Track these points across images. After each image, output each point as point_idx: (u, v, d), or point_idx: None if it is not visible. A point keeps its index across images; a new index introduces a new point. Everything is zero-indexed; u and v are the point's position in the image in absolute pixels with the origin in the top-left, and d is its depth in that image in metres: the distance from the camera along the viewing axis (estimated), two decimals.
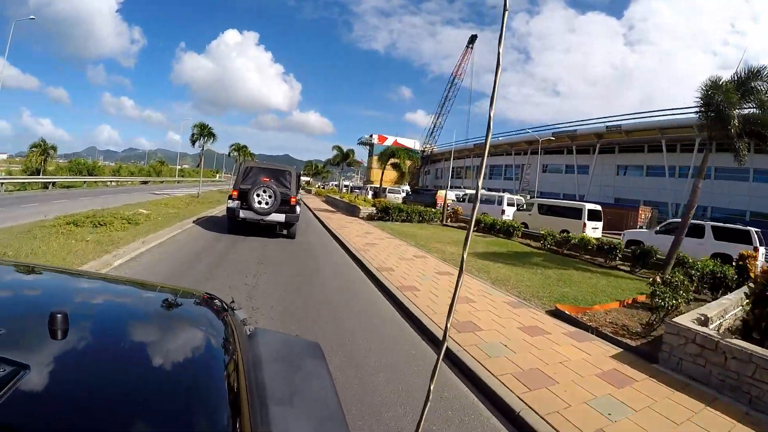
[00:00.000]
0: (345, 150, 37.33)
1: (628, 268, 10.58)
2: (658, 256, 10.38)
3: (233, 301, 1.58)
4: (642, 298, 6.84)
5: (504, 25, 0.75)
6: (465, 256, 0.85)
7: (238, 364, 1.05)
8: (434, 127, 68.17)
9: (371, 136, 74.64)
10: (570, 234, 13.51)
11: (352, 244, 10.94)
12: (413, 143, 76.21)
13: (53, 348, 0.85)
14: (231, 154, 35.89)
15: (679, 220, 13.59)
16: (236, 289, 5.79)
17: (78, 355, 0.91)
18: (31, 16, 23.71)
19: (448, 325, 0.83)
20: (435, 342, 4.67)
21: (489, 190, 51.13)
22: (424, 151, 73.11)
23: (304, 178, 70.79)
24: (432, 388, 0.84)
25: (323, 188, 57.14)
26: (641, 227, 27.41)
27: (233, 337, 1.19)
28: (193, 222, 12.19)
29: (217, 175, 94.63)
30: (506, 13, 0.75)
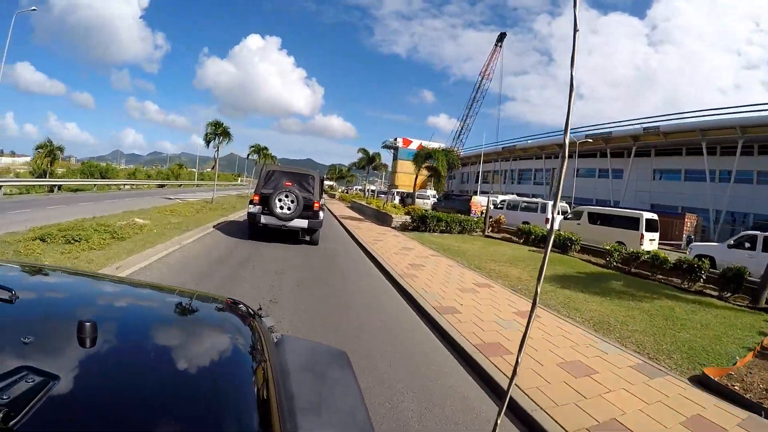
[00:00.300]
0: (371, 153, 35.17)
1: (716, 293, 8.71)
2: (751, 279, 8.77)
3: (260, 308, 1.55)
4: None
5: (575, 48, 0.77)
6: (539, 289, 0.82)
7: (267, 372, 1.05)
8: (461, 129, 65.11)
9: (395, 139, 72.32)
10: (625, 246, 11.70)
11: (392, 265, 8.64)
12: (438, 146, 73.88)
13: (82, 357, 0.84)
14: (250, 156, 33.25)
15: (754, 232, 12.13)
16: None
17: (107, 364, 0.90)
18: (33, 8, 22.12)
19: None
20: None
21: (518, 195, 49.05)
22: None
23: (327, 183, 69.33)
24: None
25: (347, 193, 55.20)
26: (689, 237, 24.92)
27: (261, 344, 1.18)
28: (197, 236, 10.01)
29: (239, 179, 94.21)
30: (576, 34, 0.79)
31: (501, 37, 59.36)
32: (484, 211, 18.92)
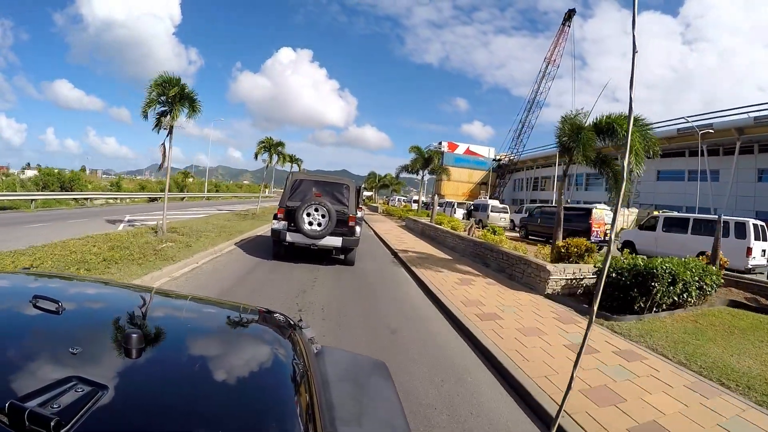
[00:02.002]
0: (426, 152, 26.27)
1: None
2: None
3: (300, 320, 1.54)
4: None
5: (634, 68, 0.66)
6: None
7: (309, 383, 1.05)
8: (522, 127, 53.82)
9: (440, 143, 63.01)
10: None
11: None
12: (487, 151, 65.16)
13: (129, 367, 0.87)
14: (259, 156, 21.62)
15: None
16: None
17: (153, 375, 0.91)
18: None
19: None
20: None
21: (585, 203, 39.40)
22: (499, 160, 60.82)
23: (365, 193, 60.43)
24: None
25: (389, 204, 46.39)
26: None
27: (302, 355, 1.18)
28: None
29: (266, 190, 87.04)
30: (635, 55, 0.71)
31: (569, 15, 49.25)
32: (608, 233, 13.86)
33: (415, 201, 42.00)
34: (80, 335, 1.00)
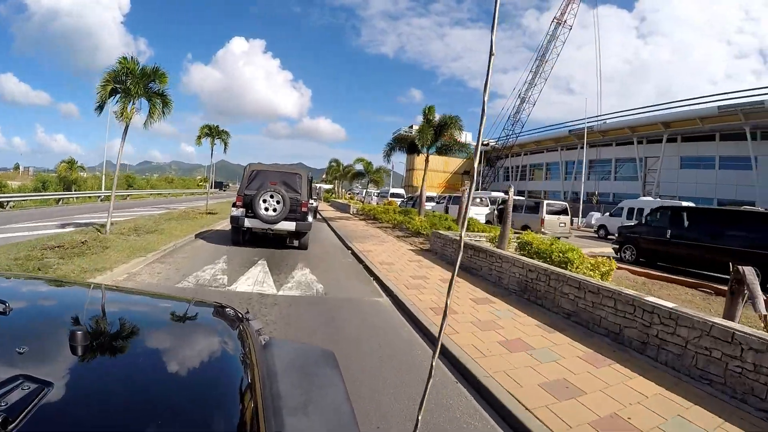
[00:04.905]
0: (440, 119, 18.19)
1: None
2: None
3: (248, 312, 1.52)
4: None
5: (489, 73, 0.83)
6: None
7: (254, 374, 1.06)
8: (521, 102, 45.15)
9: (411, 128, 54.89)
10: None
11: None
12: (464, 136, 57.75)
13: (74, 364, 0.88)
14: (200, 141, 18.76)
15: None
16: None
17: (98, 370, 0.94)
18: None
19: None
20: None
21: (600, 195, 35.14)
22: (486, 144, 53.31)
23: (324, 186, 51.55)
24: None
25: (356, 199, 37.92)
26: None
27: (248, 347, 1.19)
28: None
29: (206, 184, 75.04)
30: (492, 58, 0.83)
31: None
32: None
33: (396, 195, 33.74)
34: (28, 334, 1.00)
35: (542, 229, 15.73)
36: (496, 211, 18.59)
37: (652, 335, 4.00)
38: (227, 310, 1.46)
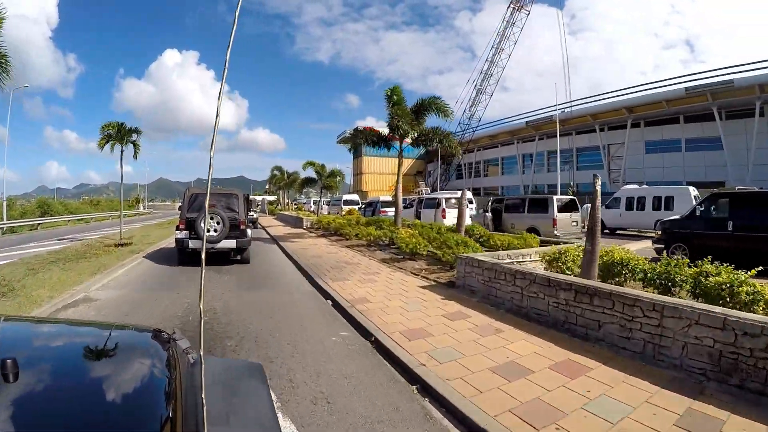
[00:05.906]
0: (421, 101, 14.17)
1: None
2: None
3: (174, 332, 1.54)
4: None
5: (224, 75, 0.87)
6: None
7: (176, 391, 1.06)
8: (477, 95, 42.36)
9: (356, 129, 50.84)
10: None
11: None
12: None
13: (6, 392, 0.88)
14: (102, 145, 13.63)
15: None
16: None
17: (28, 397, 0.93)
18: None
19: None
20: None
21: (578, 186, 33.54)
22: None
23: (268, 198, 46.03)
24: None
25: (304, 209, 33.01)
26: None
27: (174, 367, 1.20)
28: None
29: (140, 205, 66.75)
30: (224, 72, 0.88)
31: None
32: None
33: (350, 202, 29.03)
34: None
35: (555, 232, 12.29)
36: (488, 214, 14.88)
37: None
38: (154, 332, 1.46)
